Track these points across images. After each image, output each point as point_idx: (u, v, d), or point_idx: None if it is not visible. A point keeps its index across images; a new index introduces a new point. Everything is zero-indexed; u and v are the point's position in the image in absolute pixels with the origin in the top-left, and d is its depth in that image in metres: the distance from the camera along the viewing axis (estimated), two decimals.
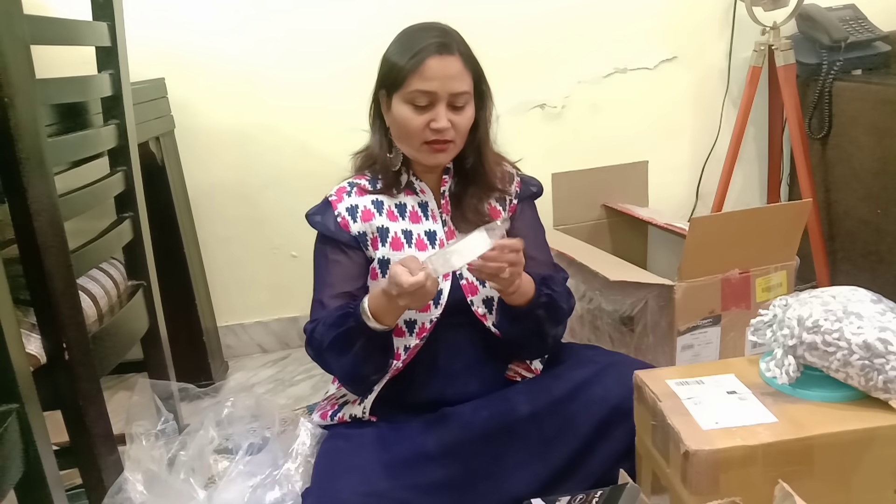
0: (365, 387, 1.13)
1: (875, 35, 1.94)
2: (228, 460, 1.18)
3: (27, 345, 1.02)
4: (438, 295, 1.12)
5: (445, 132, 1.10)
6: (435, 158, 1.13)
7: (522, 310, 1.09)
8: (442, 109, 1.09)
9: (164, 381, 1.37)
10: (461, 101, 1.11)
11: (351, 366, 1.08)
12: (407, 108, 1.10)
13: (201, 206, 1.92)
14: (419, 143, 1.11)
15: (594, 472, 1.07)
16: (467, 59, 1.12)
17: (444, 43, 1.09)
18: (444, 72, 1.08)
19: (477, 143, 1.18)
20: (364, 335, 1.03)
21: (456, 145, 1.14)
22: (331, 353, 1.08)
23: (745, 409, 0.91)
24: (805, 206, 1.48)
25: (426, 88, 1.08)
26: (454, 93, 1.09)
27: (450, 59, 1.09)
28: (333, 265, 1.14)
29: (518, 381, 1.18)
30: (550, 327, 1.13)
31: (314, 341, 1.11)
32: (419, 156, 1.14)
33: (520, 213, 1.23)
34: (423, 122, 1.09)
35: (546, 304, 1.10)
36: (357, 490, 0.99)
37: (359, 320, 1.03)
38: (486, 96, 1.17)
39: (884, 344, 0.85)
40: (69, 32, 1.19)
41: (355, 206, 1.16)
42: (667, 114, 2.12)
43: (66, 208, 1.06)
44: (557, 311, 1.13)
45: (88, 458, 1.09)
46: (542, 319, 1.11)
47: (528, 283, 1.09)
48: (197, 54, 1.83)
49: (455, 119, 1.10)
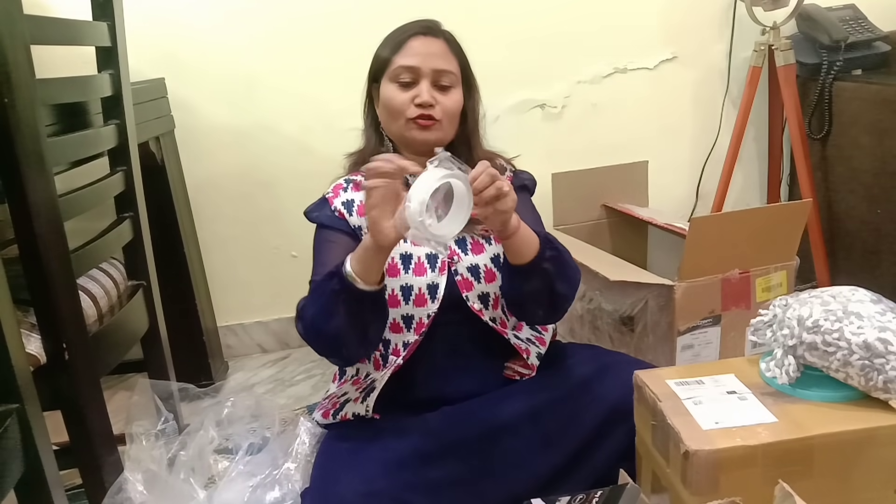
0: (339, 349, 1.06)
1: (875, 35, 1.94)
2: (228, 460, 1.18)
3: (27, 345, 1.02)
4: (435, 290, 1.12)
5: (431, 108, 1.11)
6: (422, 135, 1.13)
7: (529, 265, 1.04)
8: (425, 85, 1.12)
9: (164, 381, 1.37)
10: (446, 79, 1.13)
11: (321, 316, 1.01)
12: (392, 87, 1.13)
13: (201, 206, 1.92)
14: (405, 120, 1.13)
15: (594, 472, 1.07)
16: (452, 44, 1.15)
17: (429, 26, 1.14)
18: (427, 49, 1.12)
19: (467, 135, 1.19)
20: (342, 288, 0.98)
21: (443, 127, 1.14)
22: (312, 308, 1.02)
23: (745, 409, 0.91)
24: (805, 206, 1.48)
25: (408, 63, 1.11)
26: (437, 69, 1.12)
27: (434, 39, 1.13)
28: (330, 247, 1.14)
29: (517, 379, 1.18)
30: (561, 285, 1.08)
31: (301, 313, 1.06)
32: (407, 134, 1.14)
33: None
34: (407, 97, 1.12)
35: (553, 258, 1.06)
36: (356, 489, 0.99)
37: (341, 275, 0.98)
38: (473, 87, 1.19)
39: (884, 344, 0.85)
40: (69, 32, 1.19)
41: (351, 200, 1.17)
42: (667, 114, 2.12)
43: (66, 208, 1.06)
44: (566, 267, 1.08)
45: (88, 458, 1.09)
46: (552, 275, 1.06)
47: (532, 236, 1.05)
48: (197, 54, 1.83)
49: (441, 99, 1.12)
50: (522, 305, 1.12)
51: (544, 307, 1.10)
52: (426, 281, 1.12)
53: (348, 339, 1.03)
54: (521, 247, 1.04)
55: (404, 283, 1.12)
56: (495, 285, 1.15)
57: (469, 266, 1.15)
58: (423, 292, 1.12)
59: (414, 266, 1.14)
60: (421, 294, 1.12)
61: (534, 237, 1.05)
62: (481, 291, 1.15)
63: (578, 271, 1.13)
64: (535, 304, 1.10)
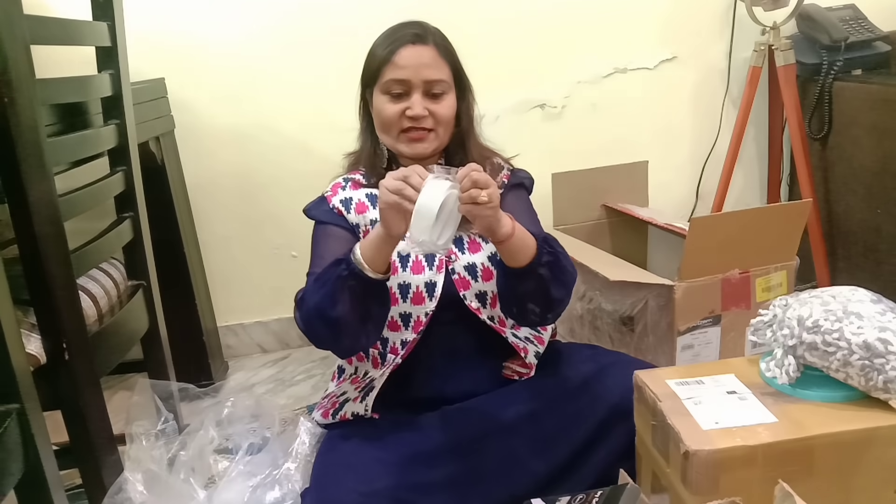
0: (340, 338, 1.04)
1: (875, 35, 1.94)
2: (228, 460, 1.18)
3: (27, 345, 1.02)
4: (433, 288, 1.12)
5: (421, 120, 1.11)
6: (413, 148, 1.13)
7: (524, 269, 1.04)
8: (417, 97, 1.11)
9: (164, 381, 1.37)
10: (437, 88, 1.12)
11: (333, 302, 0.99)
12: (384, 99, 1.12)
13: (201, 206, 1.92)
14: (396, 132, 1.13)
15: (594, 472, 1.07)
16: (443, 50, 1.14)
17: (418, 34, 1.12)
18: (417, 60, 1.11)
19: (461, 137, 1.18)
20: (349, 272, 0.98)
21: (437, 135, 1.14)
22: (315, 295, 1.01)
23: (745, 409, 0.91)
24: (805, 206, 1.48)
25: (399, 77, 1.10)
26: (428, 80, 1.11)
27: (423, 48, 1.11)
28: (329, 240, 1.15)
29: (515, 378, 1.18)
30: (556, 290, 1.07)
31: (301, 302, 1.05)
32: (399, 146, 1.14)
33: (504, 197, 1.17)
34: (398, 110, 1.11)
35: (549, 262, 1.04)
36: (356, 489, 0.99)
37: (349, 261, 0.98)
38: (466, 89, 1.18)
39: (884, 344, 0.85)
40: (69, 32, 1.19)
41: (349, 198, 1.17)
42: (667, 114, 2.12)
43: (66, 208, 1.06)
44: (562, 272, 1.07)
45: (88, 458, 1.09)
46: (547, 280, 1.05)
47: (528, 240, 1.04)
48: (197, 54, 1.83)
49: (433, 108, 1.11)
50: (515, 306, 1.11)
51: (538, 309, 1.10)
52: (424, 279, 1.13)
53: (350, 327, 1.02)
54: (516, 252, 1.03)
55: (402, 280, 1.12)
56: (493, 284, 1.15)
57: (466, 265, 1.15)
58: (420, 290, 1.12)
59: (412, 264, 1.14)
60: (419, 292, 1.12)
61: (530, 241, 1.04)
62: (479, 290, 1.15)
63: (574, 274, 1.12)
64: (528, 306, 1.09)
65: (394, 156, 1.19)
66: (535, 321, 1.14)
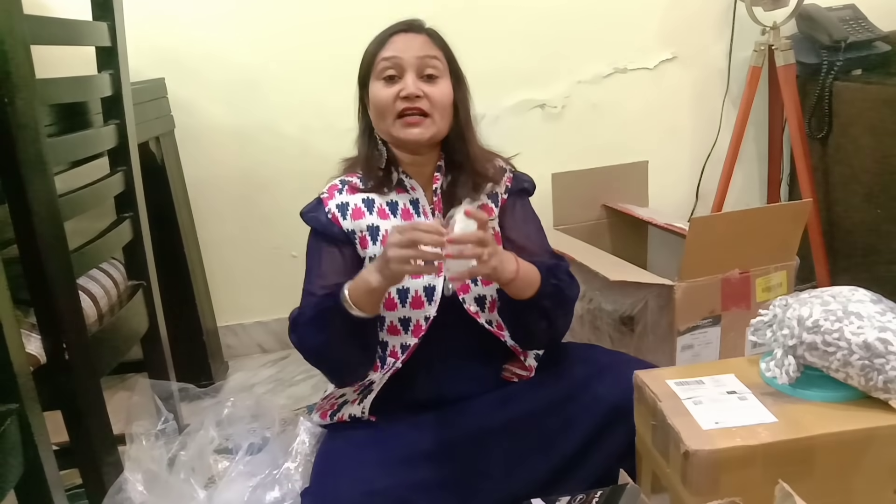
0: (342, 376, 1.14)
1: (875, 35, 1.94)
2: (228, 460, 1.18)
3: (27, 345, 1.02)
4: (432, 292, 1.12)
5: (416, 101, 1.10)
6: (408, 133, 1.11)
7: (527, 302, 1.08)
8: (411, 77, 1.10)
9: (164, 381, 1.37)
10: (431, 68, 1.11)
11: (325, 347, 1.07)
12: (379, 85, 1.12)
13: (201, 206, 1.92)
14: (392, 117, 1.11)
15: (594, 472, 1.07)
16: (436, 38, 1.15)
17: (410, 24, 1.14)
18: (409, 43, 1.12)
19: (460, 129, 1.17)
20: (341, 317, 1.03)
21: (433, 121, 1.12)
22: (308, 331, 1.08)
23: (745, 409, 0.91)
24: (805, 206, 1.48)
25: (390, 54, 1.11)
26: (420, 56, 1.10)
27: (416, 35, 1.13)
28: (324, 256, 1.15)
29: (514, 381, 1.18)
30: (558, 318, 1.13)
31: (297, 327, 1.10)
32: (395, 132, 1.12)
33: (510, 208, 1.21)
34: (393, 92, 1.10)
35: (553, 294, 1.09)
36: (356, 489, 0.99)
37: (338, 302, 1.03)
38: (461, 80, 1.17)
39: (884, 344, 0.85)
40: (69, 32, 1.19)
41: (345, 203, 1.16)
42: (667, 114, 2.12)
43: (66, 208, 1.06)
44: (565, 302, 1.13)
45: (88, 458, 1.09)
46: (549, 310, 1.09)
47: (532, 276, 1.07)
48: (197, 54, 1.83)
49: (428, 89, 1.10)
50: (521, 333, 1.15)
51: (538, 336, 1.15)
52: (422, 283, 1.12)
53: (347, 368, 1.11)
54: (519, 291, 1.07)
55: (400, 285, 1.11)
56: (492, 288, 1.15)
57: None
58: (419, 294, 1.12)
59: None
60: (418, 296, 1.12)
61: (534, 276, 1.08)
62: (478, 294, 1.15)
63: (576, 295, 1.17)
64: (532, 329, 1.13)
65: (392, 157, 1.17)
66: (535, 346, 1.19)
